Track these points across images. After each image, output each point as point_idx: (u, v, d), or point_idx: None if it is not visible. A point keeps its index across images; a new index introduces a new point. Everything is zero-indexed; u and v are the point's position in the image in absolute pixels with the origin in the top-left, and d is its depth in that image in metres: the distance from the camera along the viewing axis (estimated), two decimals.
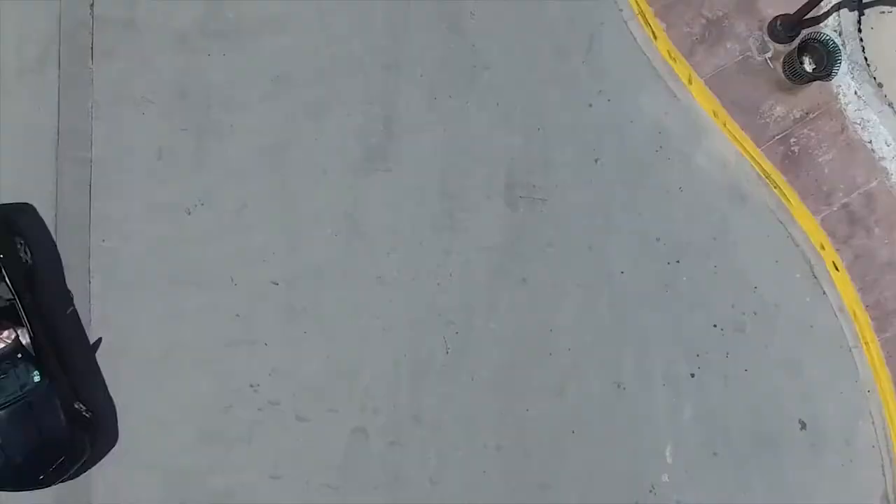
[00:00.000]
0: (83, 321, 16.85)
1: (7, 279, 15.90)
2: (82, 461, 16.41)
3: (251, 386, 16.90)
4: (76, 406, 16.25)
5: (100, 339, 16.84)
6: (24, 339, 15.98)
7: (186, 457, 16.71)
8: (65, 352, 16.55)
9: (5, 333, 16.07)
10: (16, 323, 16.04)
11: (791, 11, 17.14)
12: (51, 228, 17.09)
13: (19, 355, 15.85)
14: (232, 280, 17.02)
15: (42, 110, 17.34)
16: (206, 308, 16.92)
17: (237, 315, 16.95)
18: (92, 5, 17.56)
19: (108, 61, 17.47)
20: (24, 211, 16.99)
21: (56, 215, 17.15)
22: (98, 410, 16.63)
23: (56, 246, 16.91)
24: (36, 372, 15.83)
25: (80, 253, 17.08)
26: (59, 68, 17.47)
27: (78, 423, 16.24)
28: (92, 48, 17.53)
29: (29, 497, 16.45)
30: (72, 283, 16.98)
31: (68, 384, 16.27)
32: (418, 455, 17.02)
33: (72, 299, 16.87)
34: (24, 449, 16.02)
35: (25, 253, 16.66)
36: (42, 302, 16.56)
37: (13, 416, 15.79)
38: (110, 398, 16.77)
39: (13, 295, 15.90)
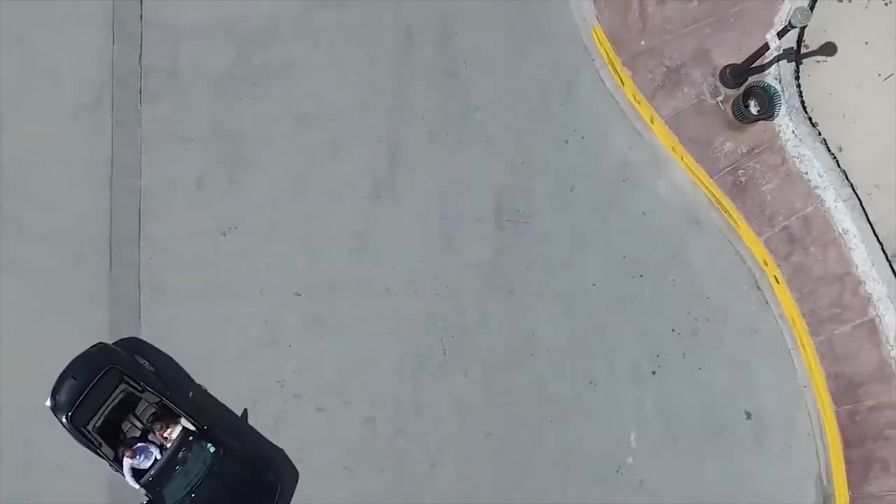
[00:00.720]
0: (135, 327, 19.79)
1: (150, 388, 18.61)
2: (277, 495, 19.08)
3: (277, 381, 19.78)
4: (251, 460, 18.95)
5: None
6: (187, 425, 18.61)
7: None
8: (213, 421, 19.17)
9: (168, 430, 18.71)
10: (171, 419, 18.70)
11: (739, 61, 19.88)
12: (105, 248, 20.05)
13: (190, 438, 18.49)
14: (261, 291, 19.89)
15: (98, 146, 20.25)
16: (238, 315, 19.79)
17: (266, 321, 19.83)
18: (140, 56, 20.46)
19: (154, 104, 20.35)
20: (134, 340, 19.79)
21: (111, 236, 20.07)
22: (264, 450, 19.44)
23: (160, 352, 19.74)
24: (209, 444, 18.52)
25: (131, 268, 20.00)
26: (113, 109, 20.38)
27: (258, 466, 18.97)
28: (140, 92, 20.43)
29: None
30: (124, 294, 19.91)
31: (232, 442, 18.90)
32: (420, 441, 19.83)
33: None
34: None
35: (149, 364, 19.38)
36: (179, 392, 19.24)
37: (210, 487, 18.45)
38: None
39: (160, 397, 18.58)
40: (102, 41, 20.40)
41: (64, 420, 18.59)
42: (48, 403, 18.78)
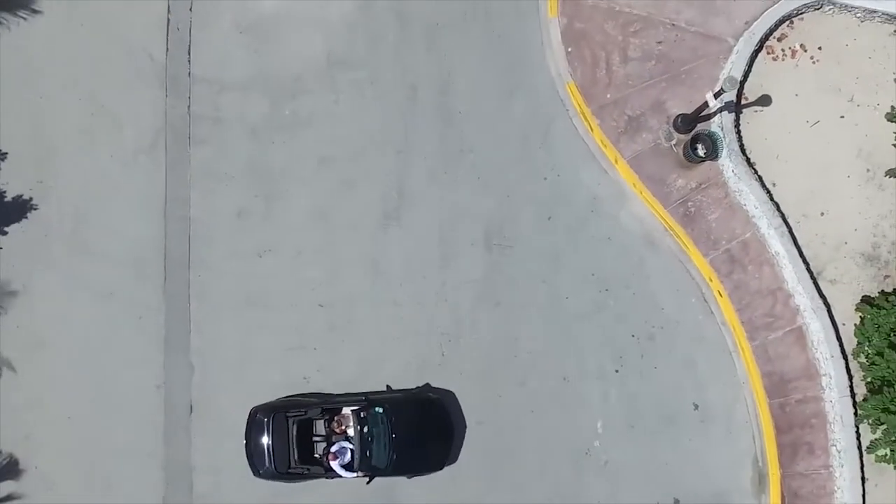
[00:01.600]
0: (186, 333, 23.73)
1: (306, 407, 22.70)
2: (452, 435, 23.09)
3: (304, 378, 23.66)
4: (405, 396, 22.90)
5: None
6: (350, 409, 22.42)
7: None
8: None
9: (342, 424, 22.47)
10: (336, 414, 22.51)
11: (689, 112, 23.75)
12: (161, 267, 24.00)
13: (361, 415, 22.23)
14: (290, 304, 23.82)
15: (154, 182, 24.16)
16: (272, 324, 23.70)
17: (294, 329, 23.77)
18: (189, 106, 24.39)
19: (200, 146, 24.25)
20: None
21: (165, 257, 23.99)
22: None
23: None
24: (375, 409, 22.28)
25: (182, 285, 23.94)
26: (166, 151, 24.26)
27: (413, 396, 22.95)
28: (189, 137, 24.32)
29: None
30: (176, 306, 23.89)
31: (383, 395, 22.85)
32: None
33: None
34: (417, 456, 22.64)
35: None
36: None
37: (400, 435, 22.32)
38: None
39: (318, 407, 22.58)
40: (158, 94, 24.35)
41: (278, 476, 22.41)
42: (254, 476, 22.67)
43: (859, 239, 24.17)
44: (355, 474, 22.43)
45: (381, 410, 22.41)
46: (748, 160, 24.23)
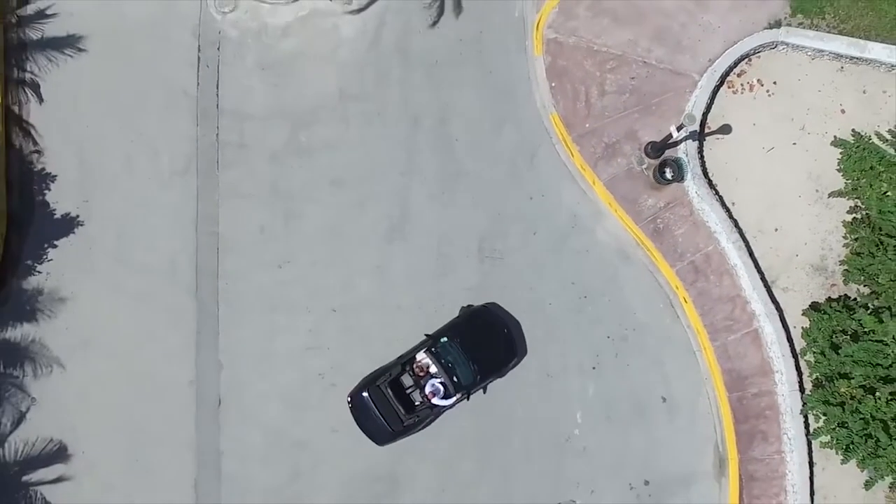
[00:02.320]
0: (215, 335, 26.93)
1: (388, 369, 26.03)
2: (508, 328, 26.54)
3: (319, 374, 26.87)
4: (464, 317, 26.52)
5: None
6: (422, 353, 25.83)
7: (280, 418, 26.71)
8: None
9: (422, 367, 25.90)
10: (413, 362, 25.97)
11: (658, 140, 26.98)
12: (192, 276, 27.16)
13: (434, 350, 25.81)
14: (307, 309, 27.02)
15: (186, 201, 27.35)
16: (292, 326, 26.91)
17: (310, 330, 26.94)
18: (217, 134, 27.58)
19: (227, 170, 27.43)
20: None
21: (196, 268, 27.17)
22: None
23: None
24: (441, 340, 25.81)
25: (212, 292, 27.13)
26: (197, 174, 27.46)
27: (472, 314, 26.43)
28: (217, 161, 27.53)
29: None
30: (206, 311, 27.08)
31: (445, 327, 26.41)
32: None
33: None
34: (492, 358, 26.17)
35: None
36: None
37: (473, 353, 25.88)
38: None
39: (397, 364, 25.96)
40: (190, 124, 27.55)
41: (399, 434, 25.90)
42: (380, 446, 26.10)
43: (809, 252, 27.31)
44: (455, 398, 25.90)
45: (445, 340, 25.92)
46: (710, 182, 27.36)
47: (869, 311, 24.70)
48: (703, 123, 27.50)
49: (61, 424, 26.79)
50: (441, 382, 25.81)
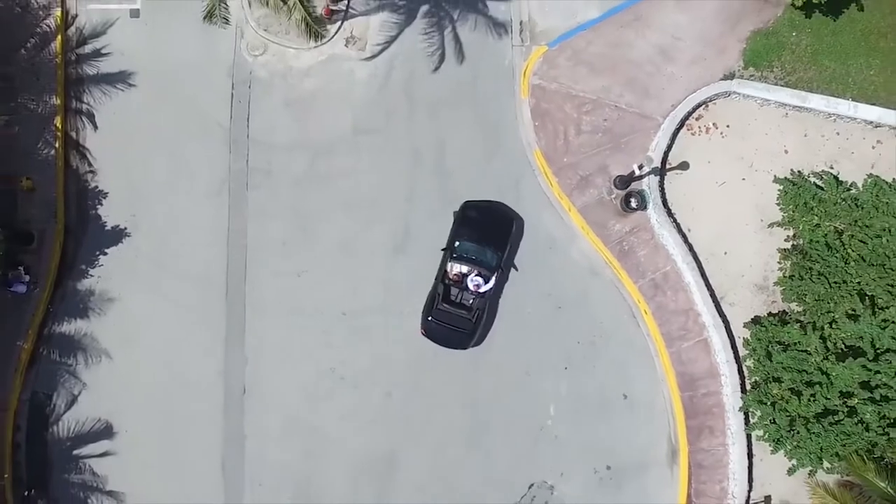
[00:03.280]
0: (241, 334, 31.34)
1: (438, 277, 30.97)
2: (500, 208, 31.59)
3: (331, 369, 31.24)
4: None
5: None
6: (448, 264, 30.68)
7: (296, 406, 31.07)
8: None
9: (453, 269, 30.60)
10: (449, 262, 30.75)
11: (625, 174, 31.33)
12: (223, 283, 31.56)
13: (454, 256, 30.49)
14: (321, 312, 31.39)
15: (219, 218, 31.72)
16: (308, 327, 31.26)
17: (324, 331, 31.36)
18: (247, 161, 31.99)
19: (255, 191, 31.83)
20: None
21: (227, 275, 31.55)
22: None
23: None
24: (456, 244, 30.43)
25: (240, 296, 31.53)
26: (229, 195, 31.84)
27: (467, 208, 31.06)
28: (247, 184, 31.94)
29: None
30: (234, 312, 31.48)
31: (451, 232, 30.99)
32: (419, 406, 31.14)
33: None
34: (500, 234, 31.01)
35: None
36: None
37: (481, 241, 30.60)
38: None
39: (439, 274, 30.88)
40: (223, 151, 31.94)
41: (475, 329, 30.72)
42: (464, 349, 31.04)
43: (753, 273, 31.68)
44: (494, 278, 30.55)
45: (458, 243, 30.59)
46: (669, 211, 31.74)
47: (797, 326, 29.11)
48: (664, 160, 31.85)
49: (108, 407, 31.24)
50: (477, 275, 30.50)
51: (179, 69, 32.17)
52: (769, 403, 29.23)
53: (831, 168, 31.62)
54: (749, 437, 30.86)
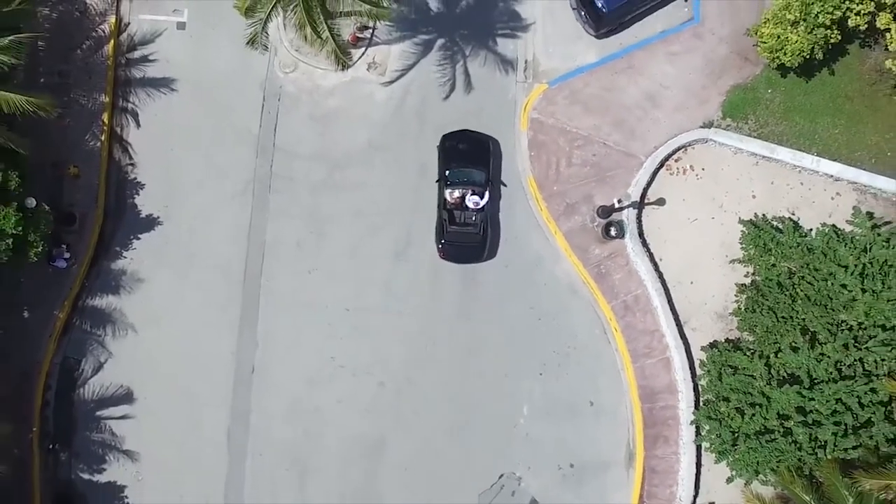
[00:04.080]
0: (255, 320, 35.10)
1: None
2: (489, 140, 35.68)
3: (332, 358, 34.86)
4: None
5: None
6: (447, 191, 34.69)
7: (298, 388, 34.75)
8: None
9: (453, 195, 34.71)
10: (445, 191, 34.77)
11: (607, 205, 35.00)
12: (241, 275, 35.28)
13: (448, 182, 34.51)
14: (327, 307, 35.07)
15: (243, 216, 35.39)
16: (313, 319, 34.95)
17: (329, 324, 35.01)
18: (271, 166, 35.71)
19: (277, 195, 35.43)
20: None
21: (245, 267, 35.20)
22: None
23: None
24: (447, 172, 34.49)
25: (255, 286, 35.18)
26: (253, 196, 35.48)
27: (459, 138, 35.12)
28: (270, 187, 35.61)
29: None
30: (249, 301, 35.24)
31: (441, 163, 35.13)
32: (409, 397, 34.83)
33: None
34: (482, 151, 35.46)
35: None
36: None
37: (471, 162, 35.02)
38: None
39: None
40: (251, 156, 35.60)
41: (483, 244, 34.79)
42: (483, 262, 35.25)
43: (715, 302, 35.41)
44: (487, 194, 34.58)
45: (448, 171, 34.61)
46: (644, 241, 35.44)
47: (748, 353, 32.86)
48: (643, 195, 35.54)
49: (130, 375, 34.96)
50: (472, 193, 34.54)
51: (217, 79, 35.81)
52: (717, 419, 32.98)
53: (793, 214, 35.31)
54: (699, 447, 34.58)
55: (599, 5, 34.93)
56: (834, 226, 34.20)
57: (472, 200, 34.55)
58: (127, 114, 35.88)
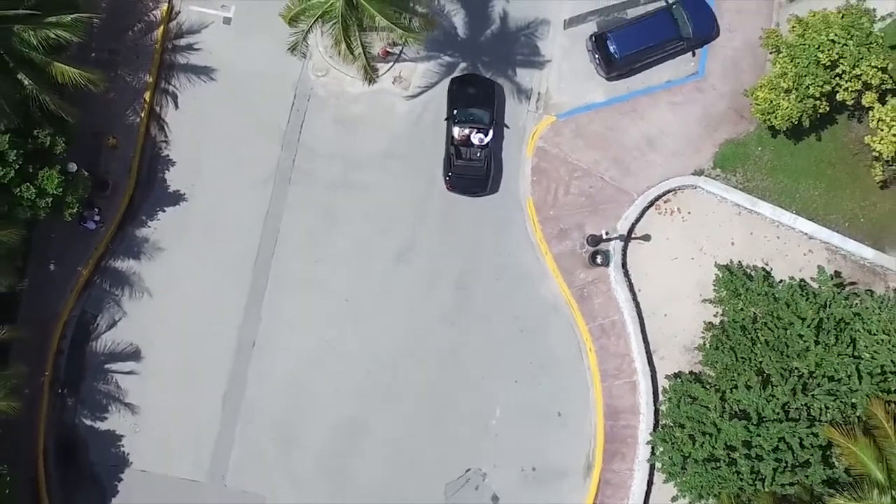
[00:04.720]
0: (259, 304, 38.06)
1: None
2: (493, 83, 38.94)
3: (326, 341, 37.71)
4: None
5: None
6: (455, 129, 37.84)
7: (293, 365, 37.64)
8: None
9: (464, 134, 37.94)
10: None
11: (596, 234, 37.93)
12: (252, 261, 38.22)
13: (456, 121, 37.68)
14: (329, 295, 37.90)
15: (260, 203, 38.23)
16: (315, 304, 37.87)
17: (327, 310, 37.88)
18: (294, 161, 38.61)
19: (296, 187, 38.37)
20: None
21: (258, 249, 38.07)
22: None
23: None
24: (454, 112, 37.83)
25: (265, 267, 37.94)
26: (273, 185, 38.44)
27: (465, 82, 38.48)
28: (290, 179, 38.50)
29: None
30: (258, 279, 38.12)
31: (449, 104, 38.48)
32: (392, 385, 37.67)
33: None
34: (488, 94, 38.51)
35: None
36: None
37: (481, 106, 38.19)
38: None
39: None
40: (275, 149, 38.52)
41: (487, 177, 38.22)
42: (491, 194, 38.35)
43: (685, 336, 38.30)
44: (491, 132, 37.80)
45: (456, 111, 37.73)
46: (626, 272, 38.33)
47: (705, 386, 35.78)
48: (631, 230, 38.41)
49: (140, 335, 37.89)
50: (478, 131, 37.70)
51: (253, 75, 38.69)
52: (671, 443, 35.91)
53: (767, 264, 38.19)
54: (652, 466, 37.47)
55: (612, 51, 37.83)
56: (802, 280, 37.07)
57: (477, 137, 37.75)
58: (167, 95, 38.80)
